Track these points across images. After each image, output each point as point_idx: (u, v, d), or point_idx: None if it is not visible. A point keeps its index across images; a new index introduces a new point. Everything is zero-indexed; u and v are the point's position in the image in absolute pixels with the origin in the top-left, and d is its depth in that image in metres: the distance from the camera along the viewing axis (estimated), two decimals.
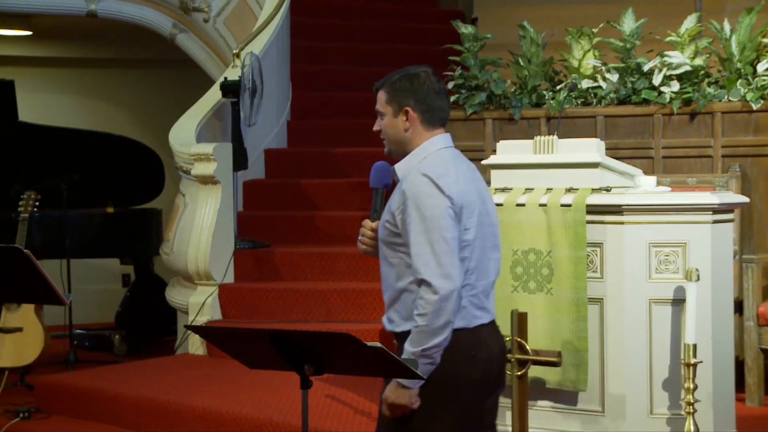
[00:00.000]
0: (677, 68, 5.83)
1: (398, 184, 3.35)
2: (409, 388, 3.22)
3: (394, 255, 3.32)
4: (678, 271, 4.29)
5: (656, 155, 5.90)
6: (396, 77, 3.38)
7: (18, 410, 5.95)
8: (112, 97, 10.81)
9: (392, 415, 3.25)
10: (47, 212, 7.49)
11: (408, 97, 3.37)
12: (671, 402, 4.32)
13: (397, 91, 3.38)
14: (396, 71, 3.43)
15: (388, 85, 3.40)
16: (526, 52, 6.19)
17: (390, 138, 3.42)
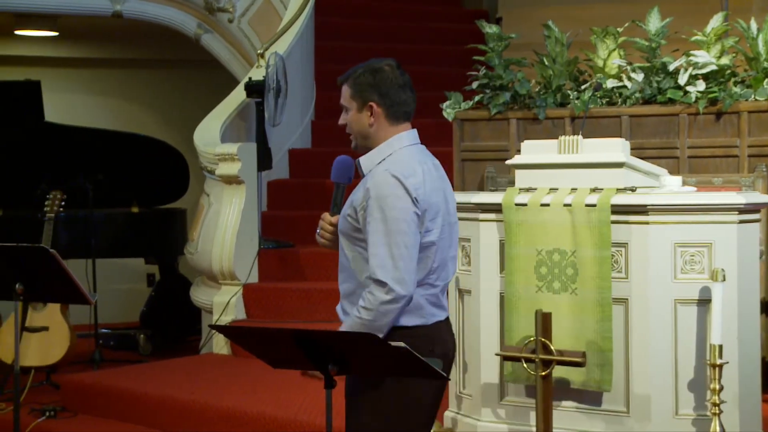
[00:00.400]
0: (703, 68, 5.79)
1: (363, 179, 3.36)
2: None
3: (353, 248, 3.35)
4: (704, 271, 4.27)
5: (682, 155, 5.86)
6: (360, 71, 3.43)
7: (44, 409, 5.98)
8: (138, 98, 10.85)
9: None
10: (73, 212, 7.53)
11: (372, 91, 3.41)
12: (697, 403, 4.29)
13: (360, 86, 3.43)
14: (360, 65, 3.49)
15: (352, 80, 3.45)
16: (551, 52, 6.17)
17: (355, 133, 3.46)
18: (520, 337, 4.42)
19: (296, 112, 7.99)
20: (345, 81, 3.47)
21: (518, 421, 4.57)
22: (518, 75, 6.22)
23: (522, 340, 4.38)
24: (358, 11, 9.61)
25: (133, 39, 10.11)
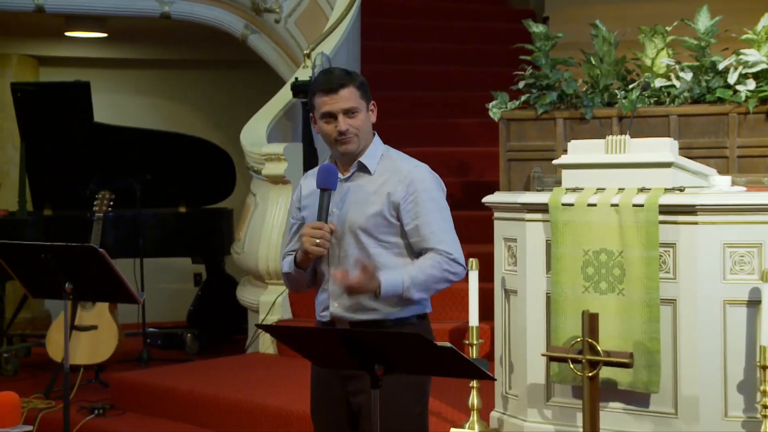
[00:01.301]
0: (753, 66, 5.73)
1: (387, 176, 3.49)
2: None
3: (378, 245, 3.45)
4: (753, 271, 4.23)
5: (731, 155, 5.81)
6: (352, 73, 3.50)
7: (93, 407, 6.04)
8: (185, 98, 10.93)
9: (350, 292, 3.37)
10: (121, 212, 7.60)
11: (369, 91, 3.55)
12: (746, 405, 4.25)
13: (364, 86, 3.51)
14: (335, 68, 3.58)
15: (355, 81, 3.48)
16: (598, 51, 6.13)
17: (363, 134, 3.52)
18: (567, 337, 4.39)
19: None
20: (346, 84, 3.46)
21: (565, 422, 4.54)
22: (565, 74, 6.19)
23: (568, 341, 4.35)
24: (403, 11, 9.61)
25: (181, 40, 10.19)
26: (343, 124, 3.45)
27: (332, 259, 3.47)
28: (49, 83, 8.89)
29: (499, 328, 4.82)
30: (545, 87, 6.16)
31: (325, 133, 3.50)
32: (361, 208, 3.45)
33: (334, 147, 3.50)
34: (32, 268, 4.76)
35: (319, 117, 3.48)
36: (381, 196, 3.46)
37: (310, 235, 3.37)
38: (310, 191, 3.55)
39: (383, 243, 3.45)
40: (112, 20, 9.10)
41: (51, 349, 6.73)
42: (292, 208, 3.68)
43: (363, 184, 3.49)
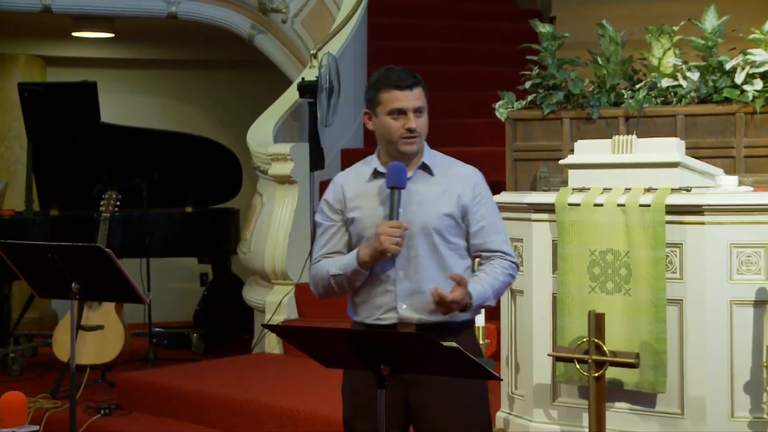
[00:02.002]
0: (761, 66, 5.72)
1: (450, 178, 3.48)
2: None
3: (446, 245, 3.43)
4: (760, 272, 4.22)
5: (738, 154, 5.80)
6: (416, 74, 3.46)
7: (99, 407, 6.04)
8: (192, 98, 10.94)
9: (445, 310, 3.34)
10: (128, 212, 7.61)
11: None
12: (753, 405, 4.24)
13: (425, 89, 3.48)
14: (401, 68, 3.49)
15: (420, 83, 3.45)
16: (605, 51, 6.12)
17: (424, 135, 3.49)
18: (573, 337, 4.39)
19: (349, 112, 8.01)
20: (416, 84, 3.44)
21: (571, 422, 4.54)
22: (572, 74, 6.18)
23: (575, 341, 4.35)
24: (410, 11, 9.61)
25: (188, 40, 10.20)
26: (413, 121, 3.42)
27: (400, 261, 3.41)
28: (56, 83, 8.90)
29: (505, 328, 4.82)
30: (552, 87, 6.16)
31: (389, 129, 3.44)
32: (433, 208, 3.43)
33: (396, 145, 3.44)
34: (39, 268, 4.77)
35: (386, 112, 3.43)
36: (451, 197, 3.45)
37: (390, 234, 3.31)
38: (357, 192, 3.50)
39: (450, 245, 3.44)
40: (119, 20, 9.11)
41: (57, 349, 6.73)
42: (325, 209, 3.56)
43: (428, 186, 3.47)
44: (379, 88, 3.45)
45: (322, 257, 3.51)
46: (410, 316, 3.41)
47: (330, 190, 3.59)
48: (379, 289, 3.44)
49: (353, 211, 3.48)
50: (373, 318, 3.45)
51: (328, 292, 3.51)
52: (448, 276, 3.34)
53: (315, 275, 3.52)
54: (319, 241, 3.55)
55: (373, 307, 3.46)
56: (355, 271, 3.39)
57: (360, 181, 3.52)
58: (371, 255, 3.35)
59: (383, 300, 3.44)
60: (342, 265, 3.43)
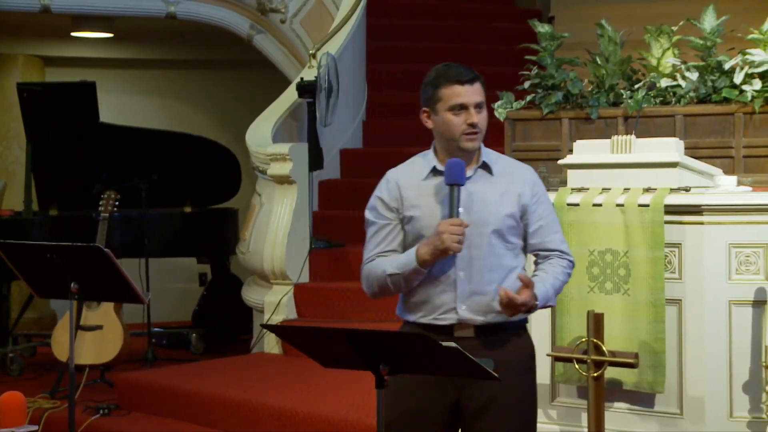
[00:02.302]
0: (759, 66, 5.72)
1: (509, 177, 3.43)
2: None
3: (505, 244, 3.40)
4: (759, 272, 4.22)
5: (737, 154, 5.80)
6: (472, 69, 3.41)
7: (98, 407, 6.04)
8: (191, 98, 10.94)
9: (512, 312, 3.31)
10: (127, 212, 7.60)
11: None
12: (752, 405, 4.24)
13: (484, 84, 3.43)
14: (453, 64, 3.44)
15: (480, 77, 3.40)
16: (604, 51, 6.13)
17: (484, 131, 3.42)
18: (572, 337, 4.39)
19: (348, 112, 8.01)
20: (476, 79, 3.39)
21: (570, 422, 4.54)
22: (570, 74, 6.18)
23: (574, 341, 4.35)
24: (409, 11, 9.61)
25: (187, 40, 10.20)
26: (475, 116, 3.37)
27: (461, 261, 3.36)
28: (55, 83, 8.89)
29: None
30: (551, 87, 6.16)
31: (450, 126, 3.39)
32: (494, 208, 3.39)
33: (457, 142, 3.39)
34: (38, 268, 4.77)
35: (446, 108, 3.38)
36: (511, 197, 3.41)
37: (452, 232, 3.25)
38: (415, 190, 3.44)
39: (508, 244, 3.41)
40: (118, 20, 9.11)
41: (56, 348, 6.73)
42: (380, 207, 3.49)
43: (489, 185, 3.42)
44: (438, 84, 3.40)
45: (376, 256, 3.45)
46: (469, 317, 3.37)
47: (383, 187, 3.52)
48: (438, 289, 3.39)
49: (411, 209, 3.42)
50: (429, 318, 3.40)
51: (383, 291, 3.45)
52: (517, 277, 3.32)
53: (369, 274, 3.45)
54: (372, 239, 3.48)
55: (431, 308, 3.40)
56: (414, 270, 3.34)
57: (416, 178, 3.46)
58: (432, 254, 3.30)
59: (442, 300, 3.39)
60: (400, 264, 3.37)
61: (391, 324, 6.33)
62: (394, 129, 8.36)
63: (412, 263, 3.33)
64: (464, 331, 3.38)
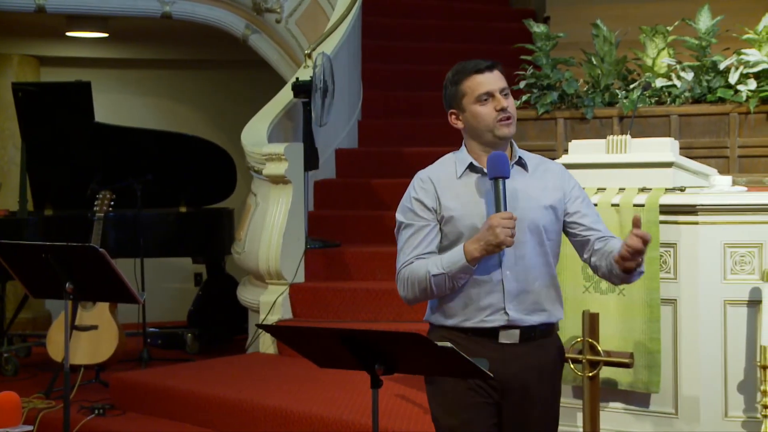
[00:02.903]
0: (754, 66, 5.74)
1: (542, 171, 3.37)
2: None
3: (547, 242, 3.32)
4: (754, 272, 4.23)
5: (732, 154, 5.81)
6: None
7: (93, 407, 6.03)
8: (186, 98, 10.93)
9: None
10: (122, 212, 7.60)
11: None
12: (747, 405, 4.25)
13: (503, 71, 3.36)
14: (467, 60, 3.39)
15: (498, 64, 3.34)
16: (599, 51, 6.14)
17: (515, 117, 3.34)
18: (567, 337, 4.39)
19: (343, 112, 8.01)
20: (495, 65, 3.33)
21: (565, 422, 4.54)
22: (566, 74, 6.20)
23: (569, 341, 4.35)
24: (404, 10, 9.61)
25: (182, 40, 10.19)
26: (504, 101, 3.27)
27: (507, 260, 3.25)
28: (50, 83, 8.89)
29: None
30: (546, 87, 6.16)
31: (481, 116, 3.28)
32: (537, 203, 3.30)
33: (493, 131, 3.28)
34: (33, 268, 4.76)
35: (473, 101, 3.28)
36: (552, 192, 3.34)
37: (504, 226, 3.12)
38: (451, 189, 3.31)
39: (549, 241, 3.33)
40: (113, 20, 9.10)
41: (51, 349, 6.72)
42: (417, 208, 3.33)
43: (528, 181, 3.33)
44: (458, 80, 3.33)
45: (415, 259, 3.30)
46: (519, 317, 3.27)
47: (418, 187, 3.37)
48: (483, 290, 3.27)
49: (449, 209, 3.29)
50: (474, 321, 3.28)
51: (424, 295, 3.31)
52: (634, 232, 3.15)
53: (409, 277, 3.30)
54: (409, 241, 3.32)
55: (476, 310, 3.28)
56: (462, 268, 3.20)
57: (451, 177, 3.34)
58: (483, 249, 3.16)
59: (489, 301, 3.27)
60: (446, 263, 3.22)
61: (387, 324, 6.36)
62: (390, 129, 8.36)
63: (461, 261, 3.20)
64: (509, 335, 3.28)
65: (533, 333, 3.30)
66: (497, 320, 3.27)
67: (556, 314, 3.37)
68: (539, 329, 3.32)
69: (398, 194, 3.42)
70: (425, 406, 5.08)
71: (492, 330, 3.27)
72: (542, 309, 3.31)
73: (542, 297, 3.31)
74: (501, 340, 3.28)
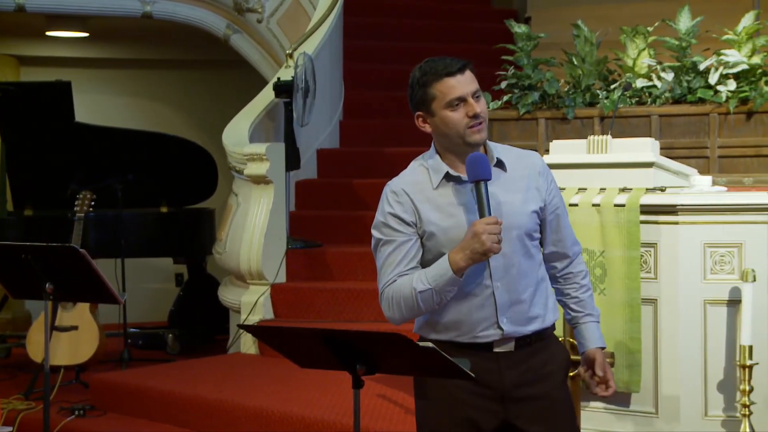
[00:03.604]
0: (734, 67, 5.76)
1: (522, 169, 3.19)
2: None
3: (532, 245, 3.17)
4: (734, 271, 4.24)
5: (712, 155, 5.83)
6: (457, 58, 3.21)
7: (73, 408, 6.01)
8: (167, 98, 10.89)
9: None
10: (102, 212, 7.57)
11: None
12: (726, 404, 4.27)
13: (474, 69, 3.20)
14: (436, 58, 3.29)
15: (468, 63, 3.17)
16: (580, 51, 6.15)
17: (487, 119, 3.15)
18: None
19: (324, 112, 8.00)
20: (466, 66, 3.16)
21: None
22: (547, 75, 6.20)
23: None
24: (386, 10, 9.61)
25: (163, 40, 10.16)
26: (476, 106, 3.08)
27: (496, 270, 3.10)
28: (30, 83, 8.86)
29: None
30: (527, 87, 6.17)
31: (452, 123, 3.09)
32: (521, 208, 3.14)
33: (463, 138, 3.10)
34: (13, 269, 4.74)
35: (444, 106, 3.10)
36: (533, 193, 3.18)
37: (490, 232, 2.96)
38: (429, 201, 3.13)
39: (533, 242, 3.18)
40: (94, 20, 9.07)
41: (31, 349, 6.69)
42: (393, 224, 3.14)
43: (508, 184, 3.14)
44: (427, 82, 3.15)
45: (397, 277, 3.11)
46: (513, 329, 3.13)
47: (392, 201, 3.16)
48: (473, 303, 3.12)
49: (430, 224, 3.11)
50: (467, 337, 3.14)
51: (411, 313, 3.13)
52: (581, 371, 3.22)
53: (393, 297, 3.12)
54: (389, 260, 3.13)
55: (469, 326, 3.13)
56: (448, 280, 3.03)
57: (426, 188, 3.15)
58: (469, 258, 3.00)
59: (480, 315, 3.12)
60: (432, 277, 3.05)
61: (369, 324, 6.36)
62: (371, 129, 8.37)
63: (447, 273, 3.02)
64: (504, 345, 3.15)
65: (529, 339, 3.17)
66: (491, 335, 3.13)
67: (549, 318, 3.22)
68: (534, 336, 3.18)
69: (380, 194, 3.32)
70: (406, 406, 5.10)
71: (486, 344, 3.14)
72: (535, 316, 3.17)
73: (534, 304, 3.17)
74: (496, 349, 3.15)
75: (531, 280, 3.16)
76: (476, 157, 3.05)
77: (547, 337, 3.23)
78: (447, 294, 3.06)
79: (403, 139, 8.03)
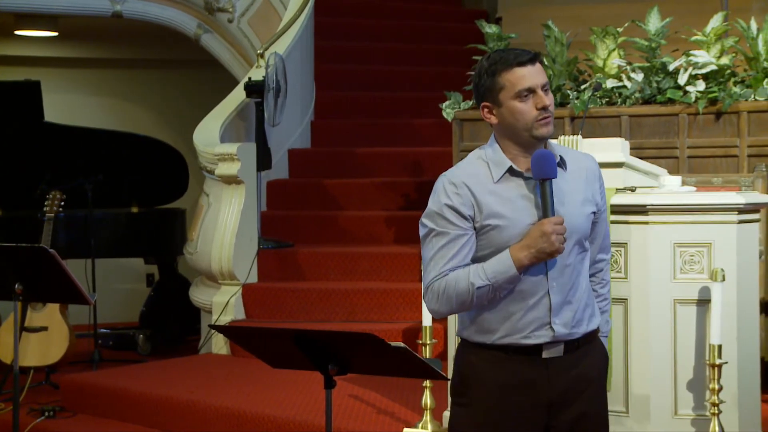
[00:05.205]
0: (703, 67, 5.79)
1: (578, 170, 3.12)
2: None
3: (586, 248, 3.12)
4: (703, 271, 4.27)
5: (681, 155, 5.87)
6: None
7: (43, 409, 5.98)
8: (137, 98, 10.85)
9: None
10: (72, 212, 7.53)
11: None
12: (696, 403, 4.29)
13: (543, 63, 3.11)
14: (505, 48, 3.20)
15: (539, 55, 3.06)
16: (551, 52, 6.17)
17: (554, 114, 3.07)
18: None
19: (296, 112, 8.00)
20: (536, 57, 3.02)
21: None
22: None
23: None
24: (357, 11, 9.61)
25: (133, 39, 10.12)
26: (545, 98, 2.99)
27: (553, 270, 3.00)
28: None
29: (452, 328, 4.82)
30: None
31: (520, 114, 2.99)
32: (581, 209, 3.06)
33: (531, 130, 3.01)
34: None
35: (512, 96, 2.98)
36: (591, 195, 3.11)
37: (559, 232, 2.90)
38: (491, 195, 3.00)
39: (587, 247, 3.13)
40: (63, 19, 9.02)
41: (0, 350, 6.65)
42: (450, 216, 2.99)
43: (568, 184, 3.06)
44: (496, 71, 3.00)
45: (449, 271, 2.99)
46: (564, 332, 3.02)
47: (450, 192, 3.01)
48: (526, 303, 3.01)
49: (493, 218, 2.98)
50: (516, 337, 3.01)
51: (461, 308, 3.02)
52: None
53: (446, 290, 2.98)
54: (441, 252, 2.99)
55: (519, 326, 3.01)
56: (509, 278, 2.94)
57: (487, 182, 3.01)
58: (534, 257, 2.92)
59: (533, 316, 3.00)
60: (492, 273, 2.94)
61: (340, 324, 6.36)
62: (343, 129, 8.37)
63: (509, 270, 2.93)
64: (554, 350, 3.04)
65: (577, 343, 3.07)
66: (542, 336, 3.01)
67: (594, 321, 3.14)
68: (582, 339, 3.08)
69: (351, 194, 3.33)
70: (378, 406, 5.11)
71: (535, 346, 3.02)
72: (584, 319, 3.08)
73: (583, 306, 3.08)
74: (545, 355, 3.03)
75: (582, 282, 3.09)
76: (544, 154, 2.98)
77: (592, 340, 3.16)
78: (503, 291, 2.97)
79: (374, 139, 8.05)
